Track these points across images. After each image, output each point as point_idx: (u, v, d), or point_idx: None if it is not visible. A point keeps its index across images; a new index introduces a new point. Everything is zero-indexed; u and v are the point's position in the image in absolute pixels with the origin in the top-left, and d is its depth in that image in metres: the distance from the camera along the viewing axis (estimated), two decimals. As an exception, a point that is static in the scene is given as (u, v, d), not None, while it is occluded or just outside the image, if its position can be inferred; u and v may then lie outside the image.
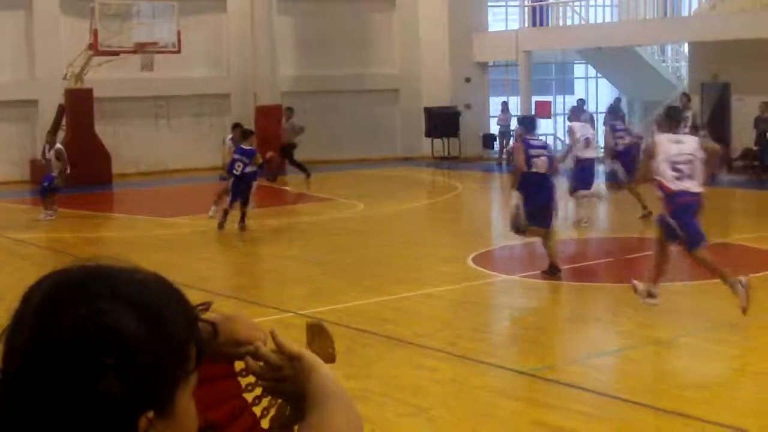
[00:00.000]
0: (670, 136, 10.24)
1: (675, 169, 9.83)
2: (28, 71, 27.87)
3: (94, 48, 25.35)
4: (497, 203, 22.27)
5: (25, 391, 1.31)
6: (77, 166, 23.01)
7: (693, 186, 9.87)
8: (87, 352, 1.29)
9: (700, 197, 9.94)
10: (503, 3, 34.16)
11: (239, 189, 17.54)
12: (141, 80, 27.06)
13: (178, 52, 26.24)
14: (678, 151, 9.89)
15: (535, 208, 12.33)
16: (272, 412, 1.75)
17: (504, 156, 29.76)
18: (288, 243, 17.07)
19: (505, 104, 31.46)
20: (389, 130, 32.00)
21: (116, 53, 25.63)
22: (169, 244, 16.92)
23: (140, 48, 25.48)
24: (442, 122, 31.17)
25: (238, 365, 1.73)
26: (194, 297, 1.51)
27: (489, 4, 33.41)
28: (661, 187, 9.90)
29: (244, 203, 17.67)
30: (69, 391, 1.28)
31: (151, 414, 1.33)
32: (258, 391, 1.73)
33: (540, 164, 12.39)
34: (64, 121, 26.30)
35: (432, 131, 31.36)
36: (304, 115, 27.75)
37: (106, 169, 26.18)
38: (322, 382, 1.60)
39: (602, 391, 8.09)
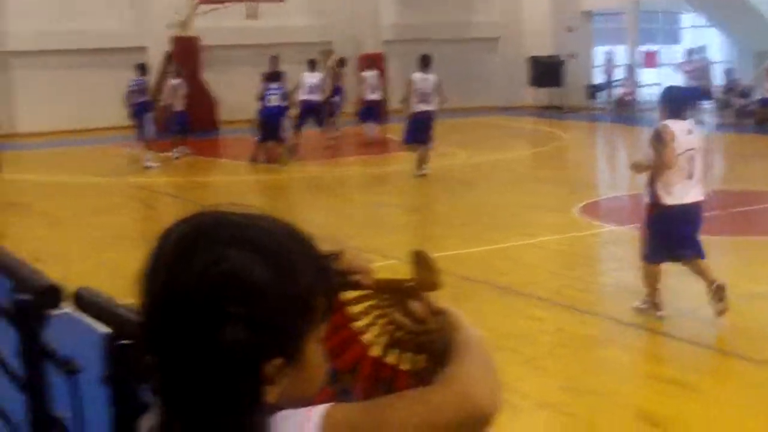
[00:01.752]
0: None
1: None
2: (137, 19, 28.29)
3: (200, -5, 25.65)
4: (603, 153, 21.96)
5: (158, 335, 1.35)
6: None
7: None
8: (212, 299, 1.31)
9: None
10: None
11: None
12: (246, 28, 27.27)
13: (282, 0, 26.34)
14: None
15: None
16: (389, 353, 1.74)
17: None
18: (390, 190, 17.11)
19: (609, 54, 30.89)
20: (490, 79, 31.73)
21: (222, 1, 25.85)
22: (272, 190, 17.12)
23: (245, -4, 25.67)
24: (546, 71, 30.78)
25: (345, 295, 1.73)
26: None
27: (595, -50, 32.72)
28: None
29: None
30: (195, 337, 1.31)
31: (279, 361, 1.35)
32: (366, 320, 1.74)
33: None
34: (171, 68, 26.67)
35: (535, 80, 30.99)
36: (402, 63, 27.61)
37: (213, 115, 26.56)
38: (465, 336, 1.60)
39: (711, 344, 7.97)
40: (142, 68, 21.40)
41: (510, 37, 31.79)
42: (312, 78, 22.10)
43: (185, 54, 26.55)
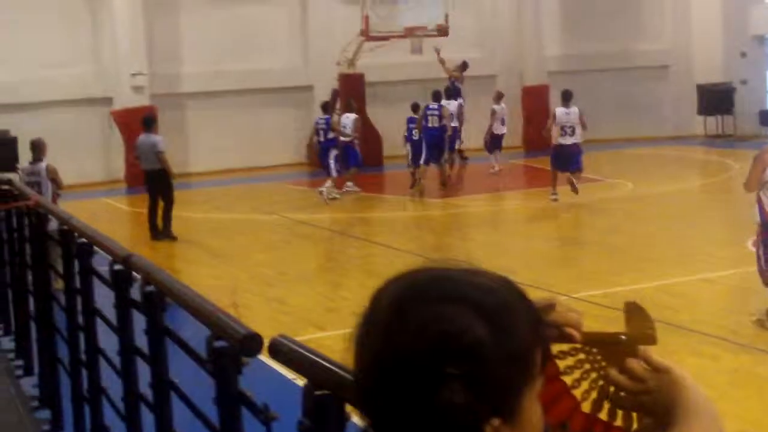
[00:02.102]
0: None
1: None
2: (303, 58, 29.02)
3: (365, 34, 26.09)
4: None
5: (374, 396, 1.34)
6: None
7: None
8: (430, 359, 1.28)
9: None
10: (782, -29, 32.37)
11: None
12: (409, 64, 27.57)
13: (446, 35, 26.56)
14: None
15: None
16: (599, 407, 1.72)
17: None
18: (555, 224, 17.00)
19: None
20: (658, 108, 31.11)
21: (386, 38, 26.25)
22: (441, 225, 17.21)
23: (409, 32, 25.97)
24: (716, 99, 29.99)
25: (554, 348, 1.64)
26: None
27: (767, -27, 31.79)
28: None
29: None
30: (412, 399, 1.29)
31: (497, 422, 1.31)
32: (576, 374, 1.67)
33: None
34: (338, 105, 27.25)
35: (704, 108, 30.25)
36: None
37: (378, 150, 26.95)
38: (692, 399, 1.51)
39: None
40: (326, 107, 21.97)
41: (679, 65, 31.13)
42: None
43: (351, 91, 27.06)
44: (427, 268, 1.39)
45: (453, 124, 22.45)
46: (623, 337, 1.64)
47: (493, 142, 24.78)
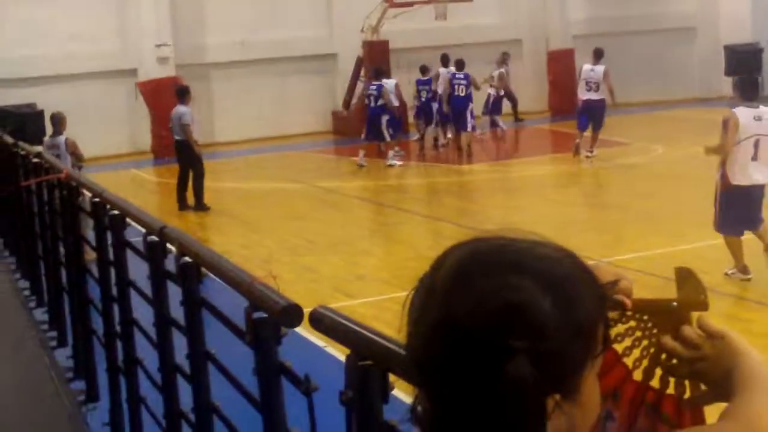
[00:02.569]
0: None
1: None
2: (327, 26, 28.91)
3: (390, 0, 25.94)
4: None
5: (432, 367, 1.28)
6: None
7: None
8: (493, 331, 1.24)
9: None
10: (811, -71, 31.87)
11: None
12: (434, 29, 27.43)
13: (471, 0, 26.38)
14: None
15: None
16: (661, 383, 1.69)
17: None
18: (588, 188, 16.92)
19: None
20: (685, 70, 30.82)
21: (410, 4, 26.11)
22: (468, 192, 17.17)
23: (433, -2, 25.84)
24: (743, 59, 29.65)
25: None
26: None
27: (795, -70, 31.30)
28: None
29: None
30: (475, 372, 1.24)
31: (558, 397, 1.26)
32: (627, 342, 1.64)
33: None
34: (362, 73, 27.17)
35: (732, 69, 29.92)
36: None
37: (404, 119, 26.83)
38: (750, 366, 1.46)
39: None
40: (378, 73, 21.95)
41: (706, 26, 30.79)
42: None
43: (375, 58, 26.95)
44: (492, 237, 1.34)
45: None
46: (674, 303, 1.61)
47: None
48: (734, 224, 9.78)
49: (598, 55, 19.87)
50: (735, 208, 9.70)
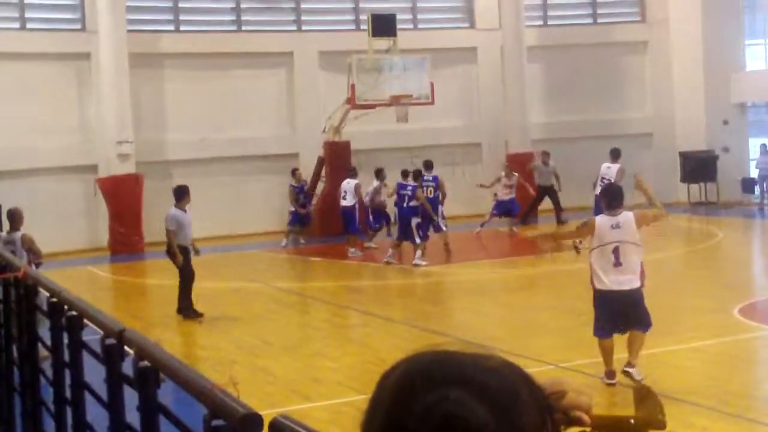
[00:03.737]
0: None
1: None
2: (290, 126, 29.19)
3: (352, 102, 26.27)
4: (761, 251, 21.34)
5: None
6: (336, 216, 23.88)
7: None
8: None
9: None
10: (762, 40, 32.85)
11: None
12: (395, 132, 27.76)
13: (432, 103, 26.77)
14: None
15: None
16: None
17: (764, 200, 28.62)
18: (543, 293, 16.98)
19: (764, 146, 30.18)
20: (643, 175, 31.33)
21: (372, 106, 26.44)
22: (429, 294, 17.17)
23: (395, 101, 26.16)
24: (698, 166, 30.24)
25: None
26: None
27: (746, 42, 32.25)
28: None
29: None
30: None
31: None
32: None
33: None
34: (323, 173, 27.37)
35: (687, 176, 30.48)
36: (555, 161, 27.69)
37: (363, 218, 26.94)
38: None
39: None
40: (417, 174, 21.52)
41: (663, 133, 31.41)
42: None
43: (336, 158, 27.20)
44: (434, 351, 1.41)
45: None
46: (632, 421, 1.64)
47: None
48: (601, 327, 10.05)
49: (614, 155, 21.77)
50: (601, 311, 10.01)
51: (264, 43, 28.89)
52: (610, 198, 10.24)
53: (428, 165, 22.10)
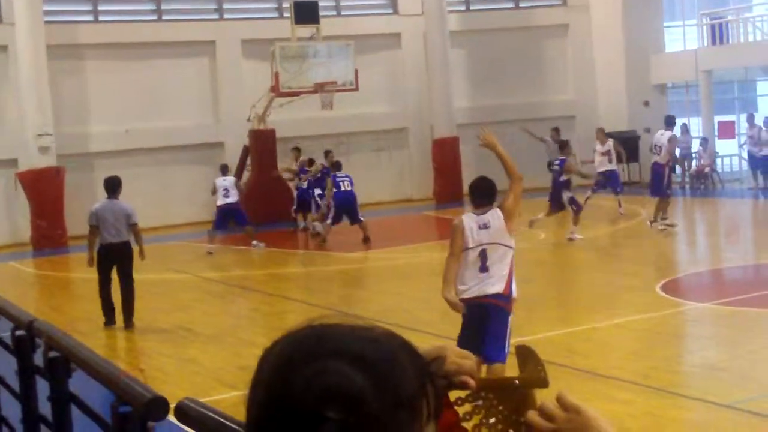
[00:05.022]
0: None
1: None
2: (214, 115, 28.97)
3: (276, 90, 26.13)
4: (683, 228, 21.70)
5: None
6: (261, 205, 23.79)
7: None
8: (312, 409, 1.33)
9: None
10: (680, 22, 33.38)
11: None
12: (321, 119, 27.70)
13: (356, 89, 26.75)
14: None
15: None
16: None
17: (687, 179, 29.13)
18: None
19: (685, 126, 30.67)
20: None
21: (296, 94, 26.34)
22: (354, 279, 17.17)
23: (319, 87, 26.10)
24: (621, 147, 30.59)
25: (454, 395, 1.73)
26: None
27: (665, 24, 32.72)
28: None
29: None
30: None
31: None
32: (476, 419, 1.72)
33: None
34: (248, 162, 27.22)
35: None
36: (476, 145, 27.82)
37: (288, 207, 26.83)
38: None
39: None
40: (564, 145, 21.59)
41: (585, 115, 31.78)
42: None
43: (261, 147, 27.06)
44: (312, 326, 1.46)
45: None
46: (516, 381, 1.71)
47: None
48: (463, 342, 7.78)
49: (668, 122, 21.07)
50: (462, 326, 8.30)
51: (185, 32, 28.60)
52: (477, 193, 8.57)
53: (338, 166, 22.08)
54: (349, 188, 21.20)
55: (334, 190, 21.24)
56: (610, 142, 24.25)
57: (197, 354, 11.83)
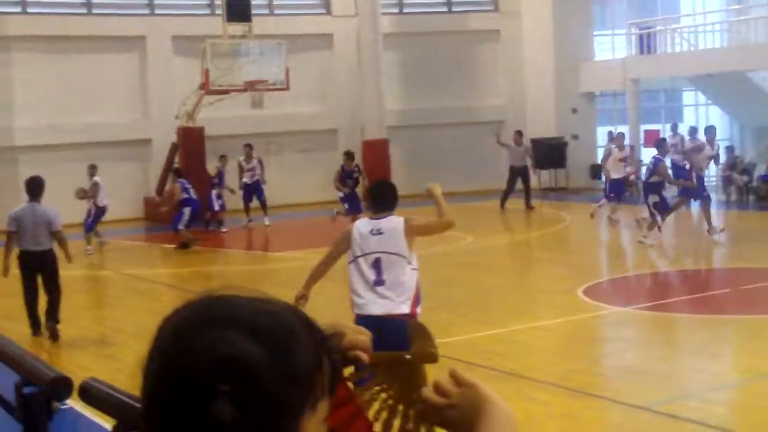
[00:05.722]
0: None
1: None
2: (142, 112, 28.68)
3: (206, 87, 25.96)
4: (606, 234, 22.00)
5: (155, 417, 1.37)
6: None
7: None
8: (205, 379, 1.32)
9: None
10: (610, 31, 33.88)
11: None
12: (251, 117, 27.57)
13: (287, 89, 26.67)
14: None
15: None
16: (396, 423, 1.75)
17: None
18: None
19: (611, 134, 31.09)
20: (495, 163, 31.92)
21: (227, 92, 26.19)
22: (280, 279, 17.12)
23: (250, 86, 25.98)
24: (549, 153, 30.96)
25: (346, 371, 1.74)
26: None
27: (595, 32, 33.18)
28: None
29: None
30: (186, 416, 1.32)
31: None
32: (368, 395, 1.74)
33: None
34: (176, 159, 26.98)
35: (538, 162, 31.17)
36: (406, 148, 27.94)
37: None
38: (496, 413, 1.57)
39: (723, 427, 7.91)
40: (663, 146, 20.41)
41: (515, 120, 32.08)
42: None
43: (190, 145, 26.85)
44: (210, 296, 1.45)
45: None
46: (408, 357, 1.74)
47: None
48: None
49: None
50: None
51: (115, 27, 28.28)
52: (375, 197, 7.74)
53: (178, 172, 22.28)
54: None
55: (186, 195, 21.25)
56: (628, 148, 23.45)
57: (120, 351, 11.70)
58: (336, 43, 30.94)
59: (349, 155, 22.99)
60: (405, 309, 7.24)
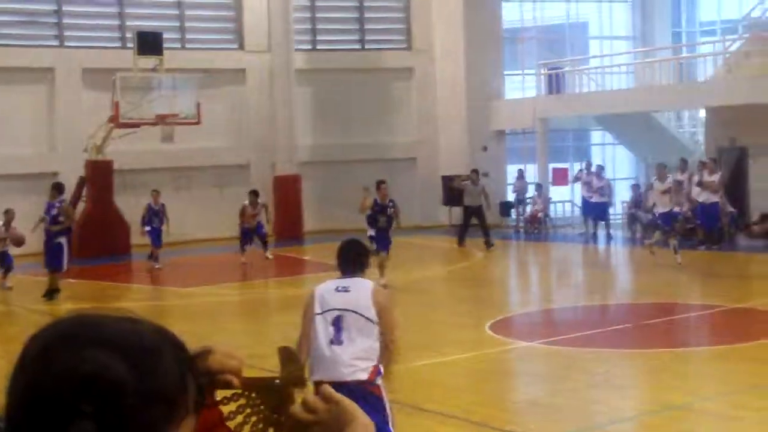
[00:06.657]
0: None
1: None
2: (49, 144, 28.23)
3: (115, 120, 25.68)
4: (515, 270, 22.26)
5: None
6: (96, 237, 23.23)
7: None
8: (67, 397, 1.32)
9: None
10: (520, 71, 34.45)
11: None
12: (161, 151, 27.33)
13: (198, 123, 26.52)
14: None
15: None
16: None
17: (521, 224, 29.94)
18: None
19: (521, 172, 31.56)
20: (407, 199, 32.10)
21: (137, 125, 25.92)
22: (190, 315, 16.96)
23: (161, 120, 25.77)
24: (459, 190, 31.22)
25: (220, 394, 1.77)
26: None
27: (506, 72, 33.72)
28: None
29: None
30: None
31: None
32: (239, 419, 1.77)
33: None
34: (84, 193, 26.59)
35: (449, 199, 31.44)
36: (317, 184, 27.95)
37: (125, 239, 26.33)
38: (359, 430, 1.62)
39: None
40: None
41: (426, 157, 32.33)
42: None
43: (98, 178, 26.51)
44: (77, 315, 1.45)
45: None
46: (277, 381, 1.78)
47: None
48: None
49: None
50: None
51: (23, 59, 27.83)
52: (343, 259, 7.20)
53: (59, 187, 20.97)
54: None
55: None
56: (670, 178, 21.38)
57: None
58: (248, 78, 30.89)
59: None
60: (362, 375, 6.59)
